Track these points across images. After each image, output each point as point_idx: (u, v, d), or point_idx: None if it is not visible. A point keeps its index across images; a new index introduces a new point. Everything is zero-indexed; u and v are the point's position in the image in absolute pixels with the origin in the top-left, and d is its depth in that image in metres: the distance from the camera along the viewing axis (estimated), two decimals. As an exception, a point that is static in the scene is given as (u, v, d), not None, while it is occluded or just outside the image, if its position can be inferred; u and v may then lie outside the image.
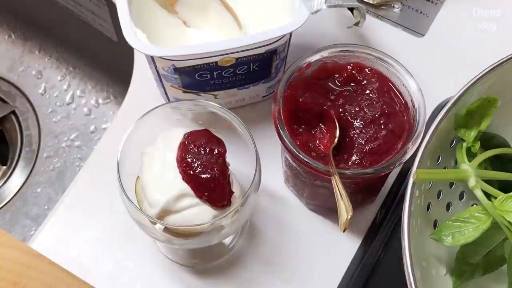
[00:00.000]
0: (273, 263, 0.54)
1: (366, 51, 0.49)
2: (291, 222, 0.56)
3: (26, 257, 0.51)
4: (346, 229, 0.42)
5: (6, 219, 0.77)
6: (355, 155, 0.47)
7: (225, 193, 0.45)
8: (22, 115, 0.84)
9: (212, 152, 0.45)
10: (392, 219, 0.54)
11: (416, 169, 0.41)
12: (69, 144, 0.83)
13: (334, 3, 0.49)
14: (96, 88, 0.86)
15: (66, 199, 0.57)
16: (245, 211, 0.46)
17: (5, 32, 0.90)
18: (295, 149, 0.45)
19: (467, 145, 0.45)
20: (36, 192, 0.80)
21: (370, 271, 0.51)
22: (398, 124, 0.47)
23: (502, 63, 0.44)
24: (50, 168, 0.81)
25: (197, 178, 0.44)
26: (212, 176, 0.44)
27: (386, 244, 0.52)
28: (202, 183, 0.44)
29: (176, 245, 0.50)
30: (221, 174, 0.44)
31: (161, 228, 0.47)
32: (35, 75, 0.87)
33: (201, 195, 0.44)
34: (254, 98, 0.59)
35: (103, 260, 0.54)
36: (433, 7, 0.67)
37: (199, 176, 0.44)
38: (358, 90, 0.49)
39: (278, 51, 0.52)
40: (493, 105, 0.45)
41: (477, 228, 0.42)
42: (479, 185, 0.43)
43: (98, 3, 0.72)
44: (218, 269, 0.54)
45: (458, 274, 0.46)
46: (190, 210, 0.44)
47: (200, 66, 0.50)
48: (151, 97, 0.60)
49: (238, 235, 0.55)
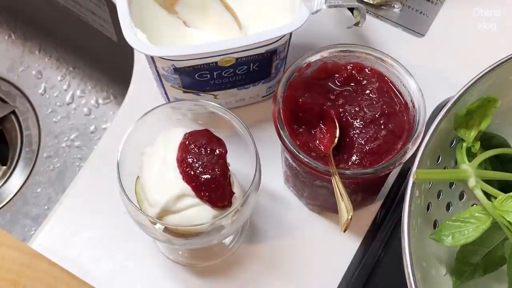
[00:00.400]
0: (273, 263, 0.54)
1: (366, 51, 0.49)
2: (291, 222, 0.56)
3: (26, 257, 0.51)
4: (346, 229, 0.42)
5: (6, 219, 0.77)
6: (355, 155, 0.47)
7: (226, 193, 0.45)
8: (22, 115, 0.84)
9: (213, 153, 0.45)
10: (392, 219, 0.54)
11: (416, 169, 0.41)
12: (69, 144, 0.83)
13: (334, 3, 0.49)
14: (96, 88, 0.86)
15: (66, 199, 0.57)
16: (245, 211, 0.46)
17: (5, 32, 0.90)
18: (295, 149, 0.45)
19: (467, 145, 0.45)
20: (36, 192, 0.80)
21: (370, 271, 0.51)
22: (398, 124, 0.47)
23: (502, 63, 0.44)
24: (50, 168, 0.81)
25: (198, 179, 0.44)
26: (213, 176, 0.44)
27: (386, 244, 0.52)
28: (203, 183, 0.44)
29: (176, 245, 0.50)
30: (222, 175, 0.44)
31: (161, 228, 0.47)
32: (35, 75, 0.87)
33: (202, 195, 0.44)
34: (254, 98, 0.59)
35: (103, 260, 0.54)
36: (433, 7, 0.67)
37: (200, 176, 0.44)
38: (358, 90, 0.49)
39: (278, 51, 0.52)
40: (493, 105, 0.45)
41: (477, 228, 0.42)
42: (479, 185, 0.43)
43: (98, 3, 0.72)
44: (218, 269, 0.54)
45: (458, 274, 0.46)
46: (190, 210, 0.44)
47: (200, 66, 0.50)
48: (151, 97, 0.60)
49: (238, 235, 0.55)
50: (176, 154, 0.45)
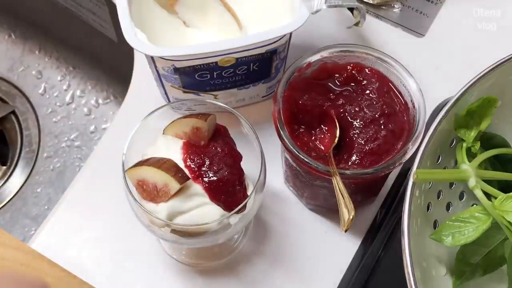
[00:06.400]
0: (273, 262, 0.54)
1: (366, 51, 0.49)
2: (291, 222, 0.56)
3: (26, 257, 0.51)
4: (348, 229, 0.42)
5: (6, 219, 0.77)
6: (355, 155, 0.47)
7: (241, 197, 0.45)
8: (22, 115, 0.84)
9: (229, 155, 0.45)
10: (392, 219, 0.54)
11: (416, 169, 0.41)
12: (69, 144, 0.83)
13: (334, 3, 0.49)
14: (96, 88, 0.86)
15: (66, 199, 0.57)
16: (251, 210, 0.46)
17: (5, 32, 0.90)
18: (295, 149, 0.45)
19: (467, 145, 0.45)
20: (36, 192, 0.80)
21: (370, 271, 0.51)
22: (398, 124, 0.47)
23: (502, 63, 0.44)
24: (50, 168, 0.81)
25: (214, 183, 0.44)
26: (228, 180, 0.44)
27: (386, 244, 0.52)
28: (220, 187, 0.44)
29: (183, 244, 0.50)
30: (238, 178, 0.44)
31: (168, 229, 0.47)
32: (35, 75, 0.87)
33: (218, 199, 0.44)
34: (254, 98, 0.59)
35: (103, 260, 0.54)
36: (433, 7, 0.67)
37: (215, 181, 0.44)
38: (358, 90, 0.49)
39: (278, 51, 0.52)
40: (493, 105, 0.45)
41: (477, 228, 0.42)
42: (479, 185, 0.43)
43: (98, 3, 0.72)
44: (220, 268, 0.54)
45: (458, 274, 0.46)
46: (197, 210, 0.44)
47: (200, 66, 0.50)
48: (151, 97, 0.60)
49: (242, 235, 0.55)
50: (181, 155, 0.45)
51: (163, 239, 0.51)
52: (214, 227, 0.44)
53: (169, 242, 0.51)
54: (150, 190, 0.44)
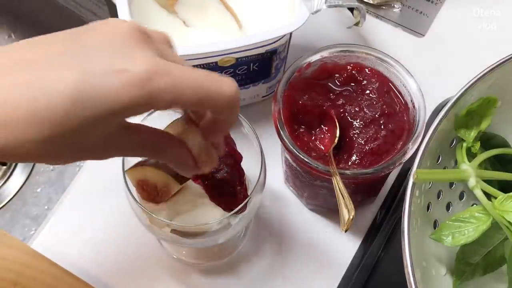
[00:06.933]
0: (273, 262, 0.54)
1: (366, 51, 0.49)
2: (291, 222, 0.56)
3: (26, 257, 0.51)
4: (348, 229, 0.42)
5: (6, 219, 0.77)
6: (355, 155, 0.47)
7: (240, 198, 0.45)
8: (22, 115, 0.84)
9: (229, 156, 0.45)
10: (392, 219, 0.54)
11: (416, 169, 0.41)
12: (69, 144, 0.83)
13: (334, 3, 0.49)
14: (96, 88, 0.86)
15: (66, 199, 0.57)
16: (251, 210, 0.46)
17: (5, 32, 0.90)
18: (295, 149, 0.45)
19: (467, 145, 0.45)
20: (36, 192, 0.79)
21: (370, 271, 0.51)
22: (398, 124, 0.47)
23: (502, 63, 0.44)
24: (50, 168, 0.81)
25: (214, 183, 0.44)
26: (229, 180, 0.44)
27: (386, 244, 0.52)
28: (220, 188, 0.44)
29: (183, 244, 0.50)
30: (238, 179, 0.44)
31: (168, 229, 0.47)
32: (35, 75, 0.87)
33: (218, 199, 0.44)
34: (254, 98, 0.59)
35: (103, 260, 0.54)
36: (433, 7, 0.67)
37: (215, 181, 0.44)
38: (358, 90, 0.49)
39: (278, 51, 0.52)
40: (493, 105, 0.45)
41: (477, 228, 0.42)
42: (479, 185, 0.43)
43: (98, 3, 0.72)
44: (220, 268, 0.54)
45: (458, 274, 0.46)
46: (198, 210, 0.44)
47: (200, 66, 0.50)
48: (151, 97, 0.59)
49: (242, 234, 0.55)
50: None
51: (163, 239, 0.51)
52: (214, 227, 0.44)
53: (169, 242, 0.51)
54: (150, 190, 0.44)
